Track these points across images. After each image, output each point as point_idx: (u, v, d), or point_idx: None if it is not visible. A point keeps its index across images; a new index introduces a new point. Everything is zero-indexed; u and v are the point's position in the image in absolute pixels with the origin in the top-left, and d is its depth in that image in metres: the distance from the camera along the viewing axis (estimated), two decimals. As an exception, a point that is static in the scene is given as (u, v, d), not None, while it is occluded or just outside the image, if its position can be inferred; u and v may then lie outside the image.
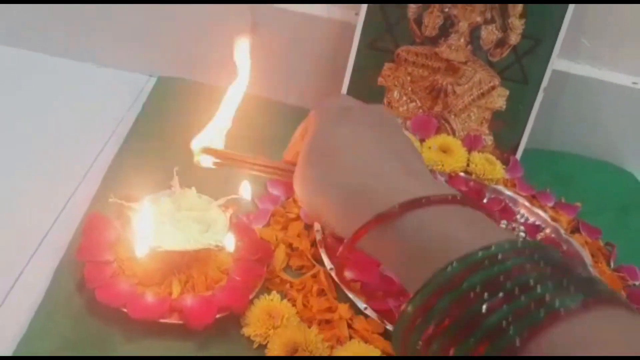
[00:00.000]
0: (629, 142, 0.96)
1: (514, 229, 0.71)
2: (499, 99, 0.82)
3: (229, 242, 0.57)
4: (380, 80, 0.81)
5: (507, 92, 0.82)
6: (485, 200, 0.80)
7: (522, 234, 0.71)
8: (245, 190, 0.60)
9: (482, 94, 0.82)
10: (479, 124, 0.84)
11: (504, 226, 0.71)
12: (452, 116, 0.83)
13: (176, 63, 0.90)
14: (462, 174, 0.82)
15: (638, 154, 0.97)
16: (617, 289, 0.70)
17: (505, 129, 0.84)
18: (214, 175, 0.65)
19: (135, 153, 0.73)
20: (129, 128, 0.78)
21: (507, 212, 0.78)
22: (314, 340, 0.53)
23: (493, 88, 0.82)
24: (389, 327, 0.57)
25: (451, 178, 0.81)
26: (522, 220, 0.79)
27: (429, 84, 0.82)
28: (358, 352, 0.53)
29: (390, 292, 0.61)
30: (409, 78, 0.81)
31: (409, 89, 0.82)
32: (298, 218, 0.68)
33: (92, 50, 0.90)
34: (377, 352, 0.53)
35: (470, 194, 0.79)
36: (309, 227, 0.67)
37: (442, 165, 0.80)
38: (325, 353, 0.53)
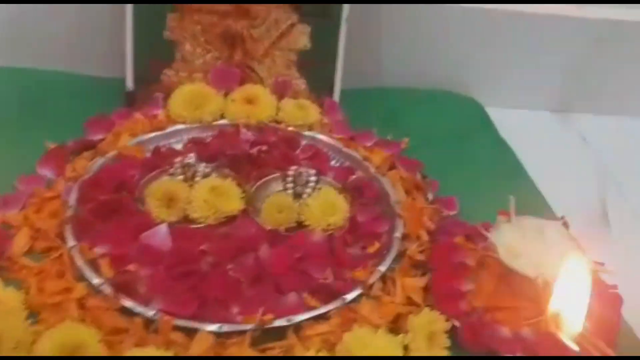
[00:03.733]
0: (468, 67, 0.90)
1: (300, 174, 0.65)
2: (302, 38, 0.76)
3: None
4: (167, 34, 0.75)
5: (309, 29, 0.76)
6: (299, 149, 0.74)
7: (313, 178, 0.65)
8: None
9: (282, 35, 0.76)
10: (287, 68, 0.77)
11: (292, 172, 0.65)
12: (256, 63, 0.77)
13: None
14: (273, 123, 0.76)
15: (479, 79, 0.91)
16: (431, 221, 0.65)
17: (317, 69, 0.78)
18: None
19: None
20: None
21: (319, 158, 0.73)
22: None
23: (292, 26, 0.75)
24: (127, 302, 0.51)
25: (260, 130, 0.75)
26: (337, 165, 0.73)
27: (221, 30, 0.75)
28: (67, 333, 0.47)
29: (147, 262, 0.56)
30: (198, 27, 0.75)
31: (202, 39, 0.75)
32: (57, 197, 0.62)
33: None
34: (91, 332, 0.48)
35: (281, 143, 0.73)
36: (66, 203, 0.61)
37: (249, 117, 0.74)
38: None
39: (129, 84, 0.76)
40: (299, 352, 0.50)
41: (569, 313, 0.45)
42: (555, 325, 0.45)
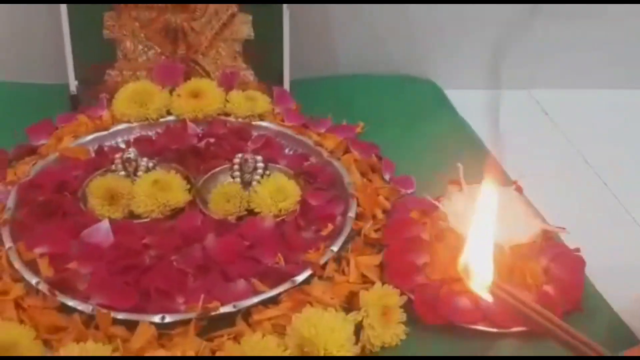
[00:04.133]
0: (426, 51, 0.89)
1: (246, 160, 0.62)
2: (244, 27, 0.74)
3: None
4: (105, 33, 0.73)
5: (250, 18, 0.74)
6: (250, 140, 0.72)
7: (261, 164, 0.63)
8: None
9: (225, 25, 0.74)
10: (233, 59, 0.76)
11: (238, 160, 0.63)
12: (200, 56, 0.75)
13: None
14: (222, 117, 0.74)
15: (438, 62, 0.90)
16: (388, 201, 0.63)
17: (264, 59, 0.76)
18: None
19: None
20: None
21: (271, 147, 0.71)
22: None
23: (233, 16, 0.74)
24: (63, 299, 0.49)
25: (208, 123, 0.73)
26: (291, 153, 0.71)
27: (161, 25, 0.73)
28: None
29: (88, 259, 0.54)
30: (137, 24, 0.73)
31: (142, 35, 0.74)
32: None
33: None
34: (23, 331, 0.45)
35: (230, 135, 0.71)
36: (4, 206, 0.59)
37: (195, 111, 0.72)
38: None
39: (72, 87, 0.74)
40: (249, 338, 0.47)
41: (480, 263, 0.44)
42: (465, 276, 0.44)
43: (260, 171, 0.63)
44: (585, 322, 0.52)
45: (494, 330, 0.51)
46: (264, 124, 0.73)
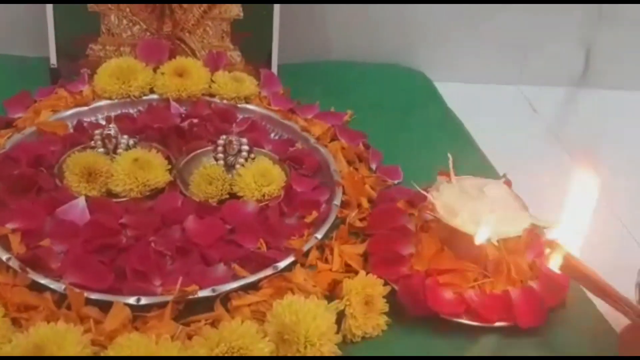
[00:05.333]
0: (418, 42, 0.88)
1: (230, 142, 0.61)
2: (233, 6, 0.72)
3: None
4: (90, 6, 0.70)
5: (240, -4, 0.72)
6: (235, 123, 0.70)
7: (245, 147, 0.61)
8: None
9: (213, 3, 0.72)
10: (220, 39, 0.74)
11: (222, 142, 0.61)
12: (187, 34, 0.73)
13: None
14: (207, 97, 0.72)
15: (429, 54, 0.88)
16: (374, 190, 0.62)
17: (252, 40, 0.74)
18: None
19: None
20: None
21: (256, 131, 0.69)
22: None
23: (222, -6, 0.72)
24: (34, 276, 0.47)
25: (193, 103, 0.71)
26: (277, 138, 0.70)
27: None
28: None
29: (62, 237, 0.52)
30: (122, -3, 0.71)
31: (127, 10, 0.71)
32: None
33: None
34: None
35: (215, 116, 0.69)
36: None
37: (179, 91, 0.70)
38: None
39: (53, 60, 0.71)
40: (227, 323, 0.46)
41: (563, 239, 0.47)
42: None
43: (244, 154, 0.61)
44: (568, 318, 0.52)
45: (478, 324, 0.50)
46: (249, 106, 0.71)
